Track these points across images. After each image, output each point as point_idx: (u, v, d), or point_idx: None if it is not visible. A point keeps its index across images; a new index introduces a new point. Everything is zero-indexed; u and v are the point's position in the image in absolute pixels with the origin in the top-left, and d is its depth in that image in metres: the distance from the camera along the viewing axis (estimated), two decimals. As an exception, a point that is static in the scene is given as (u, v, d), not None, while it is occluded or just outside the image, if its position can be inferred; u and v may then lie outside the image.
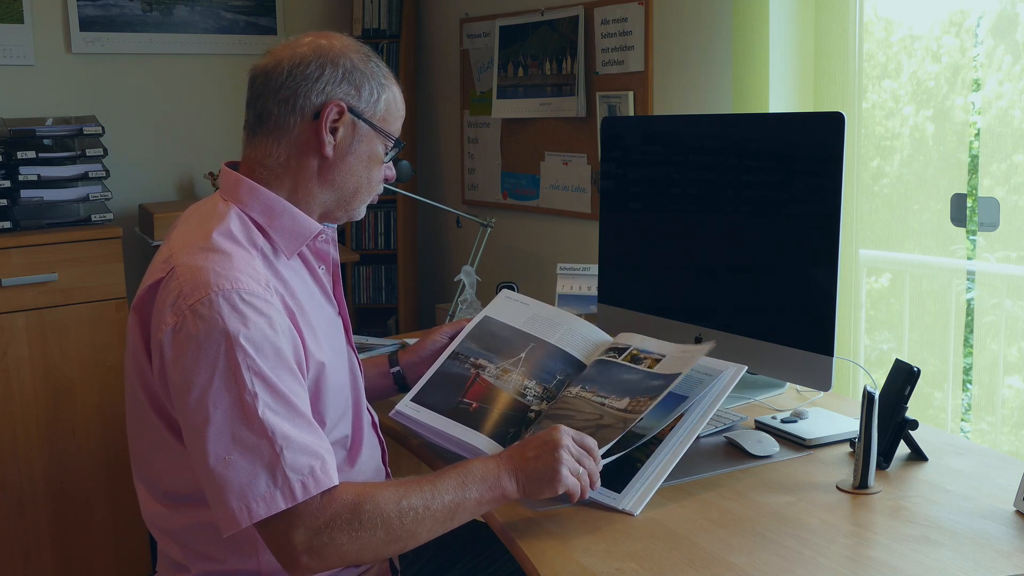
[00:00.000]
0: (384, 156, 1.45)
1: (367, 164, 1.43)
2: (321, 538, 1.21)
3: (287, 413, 1.23)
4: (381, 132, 1.43)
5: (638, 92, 2.80)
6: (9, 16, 3.12)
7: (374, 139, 1.43)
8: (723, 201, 1.84)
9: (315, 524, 1.21)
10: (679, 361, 1.56)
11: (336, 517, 1.22)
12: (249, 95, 1.42)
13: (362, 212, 1.49)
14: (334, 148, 1.39)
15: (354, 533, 1.22)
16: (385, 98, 1.43)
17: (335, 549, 1.22)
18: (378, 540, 1.24)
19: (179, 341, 1.24)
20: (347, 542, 1.22)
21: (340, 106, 1.38)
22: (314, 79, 1.37)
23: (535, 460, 1.33)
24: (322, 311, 1.44)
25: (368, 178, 1.45)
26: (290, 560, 1.22)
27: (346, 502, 1.23)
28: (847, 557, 1.25)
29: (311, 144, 1.39)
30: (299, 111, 1.38)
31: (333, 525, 1.22)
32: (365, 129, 1.41)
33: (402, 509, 1.24)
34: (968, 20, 2.12)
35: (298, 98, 1.37)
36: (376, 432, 1.58)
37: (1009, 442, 2.11)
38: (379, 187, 1.48)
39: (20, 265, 2.71)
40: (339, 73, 1.39)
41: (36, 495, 2.78)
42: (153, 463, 1.39)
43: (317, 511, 1.22)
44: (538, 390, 1.62)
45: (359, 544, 1.23)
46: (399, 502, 1.25)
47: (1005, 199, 2.04)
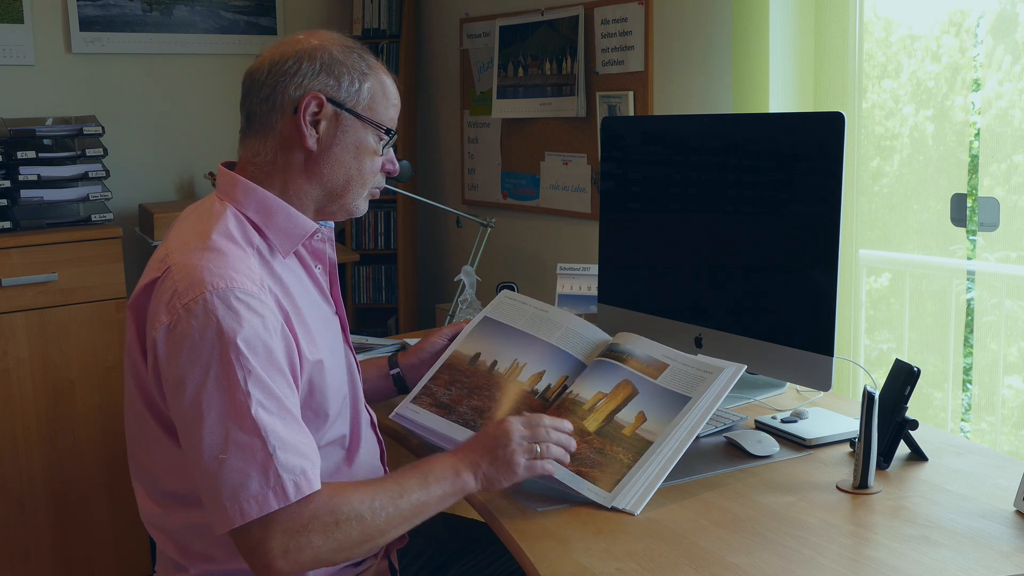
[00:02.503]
0: (377, 146, 1.44)
1: (355, 155, 1.42)
2: (298, 541, 1.22)
3: (279, 412, 1.23)
4: (368, 121, 1.42)
5: (638, 92, 2.80)
6: (9, 16, 3.12)
7: (361, 129, 1.42)
8: (723, 201, 1.84)
9: (292, 527, 1.21)
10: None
11: (314, 519, 1.22)
12: (240, 98, 1.43)
13: (362, 207, 1.48)
14: (317, 141, 1.39)
15: (330, 534, 1.23)
16: (368, 87, 1.42)
17: (311, 552, 1.22)
18: (352, 540, 1.25)
19: (173, 340, 1.24)
20: (323, 543, 1.23)
21: (319, 97, 1.38)
22: (291, 74, 1.38)
23: (488, 452, 1.37)
24: (318, 310, 1.44)
25: (359, 169, 1.43)
26: (265, 566, 1.22)
27: (323, 504, 1.24)
28: (847, 557, 1.25)
29: (294, 139, 1.39)
30: (279, 107, 1.38)
31: (311, 527, 1.22)
32: (349, 119, 1.41)
33: (374, 508, 1.27)
34: (968, 20, 2.12)
35: (277, 95, 1.38)
36: (374, 431, 1.58)
37: (1009, 442, 2.11)
38: (375, 178, 1.46)
39: (20, 265, 2.71)
40: (316, 66, 1.39)
41: (36, 495, 2.78)
42: (150, 463, 1.39)
43: (295, 514, 1.22)
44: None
45: (334, 544, 1.24)
46: (371, 502, 1.27)
47: (1005, 199, 2.04)
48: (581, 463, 1.44)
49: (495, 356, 1.68)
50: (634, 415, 1.51)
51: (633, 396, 1.54)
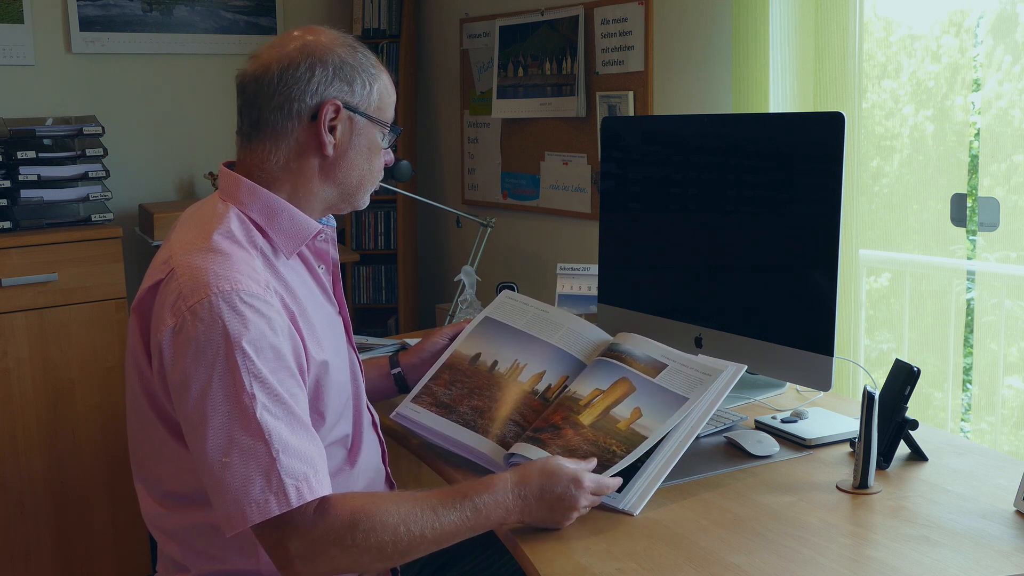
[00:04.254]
0: (382, 142, 1.45)
1: (368, 156, 1.44)
2: (315, 548, 1.22)
3: (285, 416, 1.23)
4: (378, 122, 1.43)
5: (638, 92, 2.80)
6: (9, 16, 3.12)
7: (372, 129, 1.43)
8: (723, 201, 1.84)
9: (310, 535, 1.22)
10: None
11: (330, 531, 1.22)
12: (240, 102, 1.41)
13: (366, 201, 1.49)
14: (335, 147, 1.40)
15: (347, 548, 1.23)
16: (377, 87, 1.43)
17: (328, 560, 1.23)
18: (371, 558, 1.24)
19: (179, 342, 1.24)
20: (340, 555, 1.23)
21: (336, 104, 1.38)
22: (306, 81, 1.37)
23: (548, 510, 1.33)
24: (322, 311, 1.44)
25: (370, 168, 1.45)
26: (284, 563, 1.23)
27: (341, 517, 1.23)
28: (847, 557, 1.25)
29: (311, 145, 1.39)
30: (295, 115, 1.37)
31: (327, 539, 1.22)
32: (362, 122, 1.42)
33: (398, 534, 1.24)
34: (968, 20, 2.12)
35: (292, 102, 1.37)
36: (376, 432, 1.58)
37: (1009, 442, 2.11)
38: (381, 174, 1.49)
39: (20, 265, 2.71)
40: (329, 71, 1.38)
41: (36, 495, 2.78)
42: (153, 464, 1.39)
43: (312, 523, 1.22)
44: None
45: (352, 559, 1.24)
46: (397, 526, 1.24)
47: (1005, 199, 2.04)
48: (574, 454, 1.44)
49: (496, 356, 1.68)
50: (630, 410, 1.51)
51: (630, 393, 1.54)
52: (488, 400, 1.61)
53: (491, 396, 1.62)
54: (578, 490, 1.33)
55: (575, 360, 1.67)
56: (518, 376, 1.65)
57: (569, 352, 1.68)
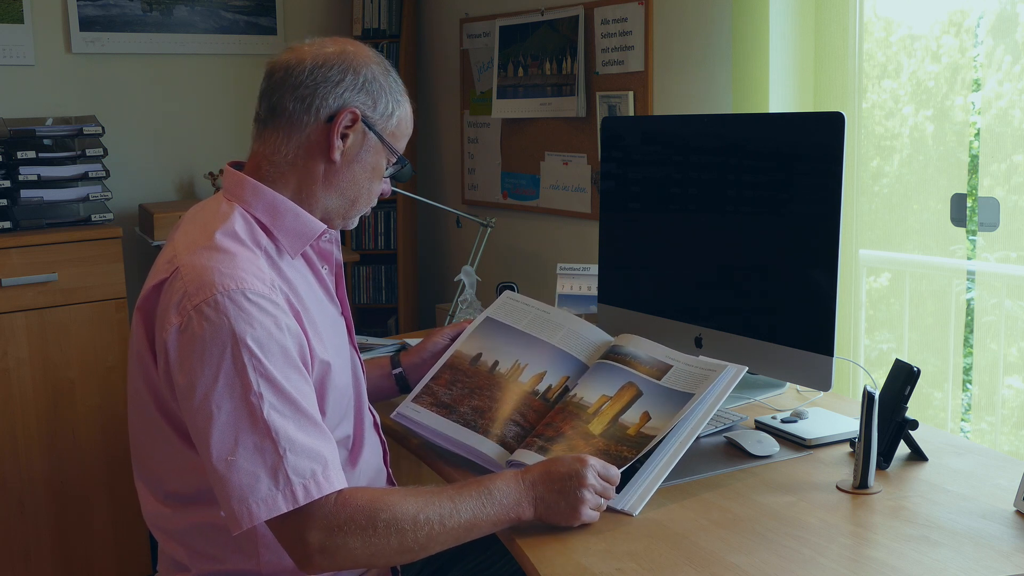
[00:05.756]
0: (386, 170, 1.46)
1: (369, 175, 1.44)
2: (335, 539, 1.22)
3: (292, 414, 1.23)
4: (388, 147, 1.44)
5: (638, 92, 2.80)
6: (9, 16, 3.12)
7: (380, 152, 1.44)
8: (723, 201, 1.84)
9: (329, 525, 1.22)
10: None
11: (350, 521, 1.22)
12: (264, 86, 1.42)
13: (355, 222, 1.51)
14: (342, 154, 1.40)
15: (367, 539, 1.23)
16: (399, 115, 1.45)
17: (347, 552, 1.23)
18: (390, 549, 1.24)
19: (184, 341, 1.24)
20: (359, 546, 1.23)
21: (355, 113, 1.39)
22: (334, 83, 1.38)
23: (558, 493, 1.32)
24: (325, 311, 1.44)
25: (368, 189, 1.46)
26: (303, 557, 1.23)
27: (360, 507, 1.23)
28: (847, 557, 1.25)
29: (320, 146, 1.39)
30: (314, 111, 1.38)
31: (347, 529, 1.22)
32: (374, 141, 1.42)
33: (418, 522, 1.25)
34: (968, 20, 2.12)
35: (315, 98, 1.38)
36: (378, 432, 1.58)
37: (1009, 442, 2.11)
38: (375, 200, 1.50)
39: (20, 265, 2.71)
40: (359, 81, 1.40)
41: (36, 495, 2.78)
42: (156, 463, 1.39)
43: (331, 513, 1.22)
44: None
45: (371, 550, 1.24)
46: (416, 515, 1.25)
47: (1005, 199, 2.04)
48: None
49: (496, 356, 1.69)
50: (639, 415, 1.51)
51: (637, 398, 1.54)
52: (489, 400, 1.61)
53: (492, 396, 1.62)
54: (584, 467, 1.34)
55: (576, 361, 1.67)
56: (519, 376, 1.65)
57: (570, 353, 1.68)
